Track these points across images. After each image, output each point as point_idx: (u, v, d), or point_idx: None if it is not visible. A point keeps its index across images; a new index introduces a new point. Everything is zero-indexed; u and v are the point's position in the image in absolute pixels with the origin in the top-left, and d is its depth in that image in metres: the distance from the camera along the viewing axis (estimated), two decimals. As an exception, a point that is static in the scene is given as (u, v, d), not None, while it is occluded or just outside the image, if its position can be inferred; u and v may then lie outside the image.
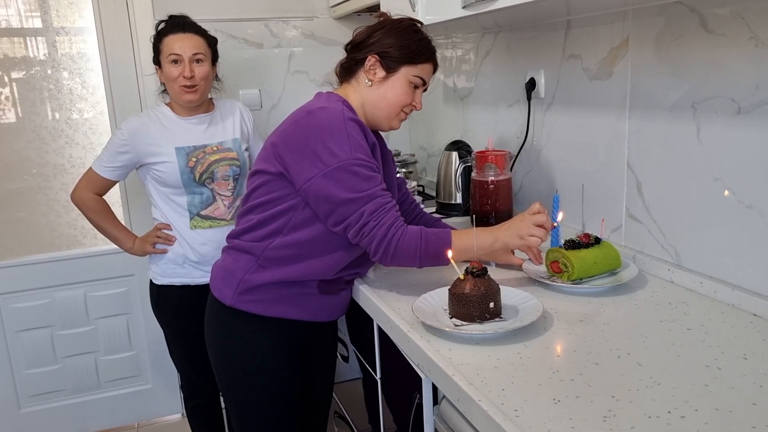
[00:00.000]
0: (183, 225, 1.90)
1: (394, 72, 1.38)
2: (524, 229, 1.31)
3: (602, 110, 1.58)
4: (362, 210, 1.27)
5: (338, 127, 1.28)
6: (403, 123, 1.48)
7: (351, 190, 1.27)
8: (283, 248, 1.37)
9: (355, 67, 1.42)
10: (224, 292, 1.45)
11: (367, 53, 1.38)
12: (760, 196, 1.18)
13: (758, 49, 1.15)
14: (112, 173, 1.90)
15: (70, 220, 2.55)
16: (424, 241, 1.29)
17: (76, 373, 2.61)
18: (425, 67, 1.40)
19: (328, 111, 1.31)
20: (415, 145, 2.82)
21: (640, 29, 1.43)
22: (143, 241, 1.94)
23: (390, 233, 1.27)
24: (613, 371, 1.00)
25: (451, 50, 2.38)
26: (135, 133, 1.85)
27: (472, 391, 0.95)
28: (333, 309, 1.49)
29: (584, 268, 1.34)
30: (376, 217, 1.27)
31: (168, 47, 1.83)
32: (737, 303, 1.23)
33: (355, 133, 1.29)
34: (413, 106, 1.43)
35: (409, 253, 1.29)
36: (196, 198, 1.88)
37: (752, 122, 1.18)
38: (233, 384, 1.48)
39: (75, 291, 2.54)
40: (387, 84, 1.39)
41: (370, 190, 1.28)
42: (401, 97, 1.40)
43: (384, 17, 1.44)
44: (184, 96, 1.84)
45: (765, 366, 0.99)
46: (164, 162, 1.84)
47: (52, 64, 2.43)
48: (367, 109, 1.42)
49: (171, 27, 1.85)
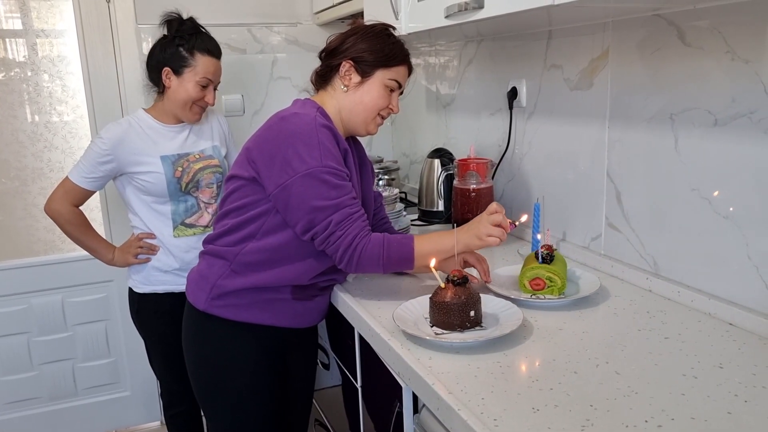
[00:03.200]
0: (166, 233, 1.87)
1: (369, 76, 1.39)
2: (482, 229, 1.31)
3: (583, 120, 1.60)
4: (329, 219, 1.28)
5: (309, 134, 1.28)
6: (386, 130, 1.49)
7: (319, 197, 1.28)
8: (256, 253, 1.38)
9: (330, 74, 1.42)
10: (198, 297, 1.45)
11: (342, 59, 1.39)
12: (736, 207, 1.20)
13: (734, 63, 1.17)
14: (92, 183, 1.83)
15: (48, 225, 2.52)
16: (386, 249, 1.31)
17: (53, 380, 2.57)
18: (400, 69, 1.42)
19: (300, 117, 1.32)
20: (398, 151, 2.83)
21: (620, 41, 1.45)
22: (124, 252, 1.89)
23: (354, 242, 1.29)
24: (592, 380, 1.00)
25: (434, 58, 2.39)
26: (118, 143, 1.79)
27: (452, 400, 0.95)
28: (307, 315, 1.49)
29: (564, 279, 1.35)
30: (342, 227, 1.29)
31: (204, 68, 1.80)
32: (714, 312, 1.25)
33: (327, 140, 1.30)
34: (390, 110, 1.44)
35: (372, 261, 1.31)
36: (180, 206, 1.86)
37: (728, 134, 1.20)
38: (208, 390, 1.48)
39: (52, 297, 2.50)
40: (363, 88, 1.40)
41: (338, 199, 1.29)
42: (377, 101, 1.40)
43: (356, 23, 1.45)
44: (195, 116, 1.85)
45: (740, 375, 1.01)
46: (150, 172, 1.80)
47: (32, 67, 2.40)
48: (343, 115, 1.42)
49: (208, 48, 1.81)
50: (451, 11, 1.44)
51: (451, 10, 1.44)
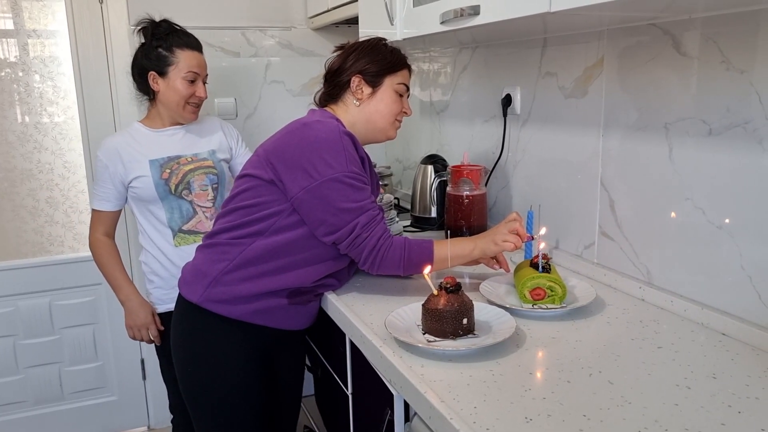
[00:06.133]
0: (166, 244, 1.85)
1: (380, 85, 1.47)
2: (498, 235, 1.40)
3: (577, 128, 1.60)
4: (355, 222, 1.34)
5: (334, 140, 1.35)
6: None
7: (345, 200, 1.33)
8: (262, 250, 1.39)
9: (339, 92, 1.49)
10: (194, 290, 1.44)
11: (350, 75, 1.46)
12: (729, 217, 1.20)
13: (729, 73, 1.17)
14: (107, 203, 1.85)
15: (36, 227, 2.50)
16: (407, 252, 1.38)
17: (39, 384, 2.54)
18: (404, 73, 1.51)
19: (324, 124, 1.38)
20: (391, 157, 2.82)
21: (614, 49, 1.45)
22: (135, 315, 1.87)
23: (379, 244, 1.36)
24: (585, 390, 1.00)
25: (429, 64, 2.38)
26: (114, 153, 1.81)
27: (444, 409, 0.94)
28: (299, 318, 1.49)
29: (565, 288, 1.35)
30: (367, 229, 1.35)
31: (187, 62, 1.79)
32: (706, 322, 1.24)
33: (350, 147, 1.37)
34: (404, 113, 1.52)
35: (394, 262, 1.38)
36: (175, 213, 1.84)
37: (723, 144, 1.20)
38: (196, 387, 1.47)
39: (40, 299, 2.47)
40: (375, 98, 1.47)
41: (363, 202, 1.35)
42: (392, 107, 1.48)
43: (350, 43, 1.51)
44: (191, 114, 1.84)
45: (734, 386, 1.00)
46: (139, 176, 1.80)
47: (23, 67, 2.38)
48: (358, 128, 1.48)
49: (186, 42, 1.81)
50: (447, 17, 1.44)
51: (447, 16, 1.44)
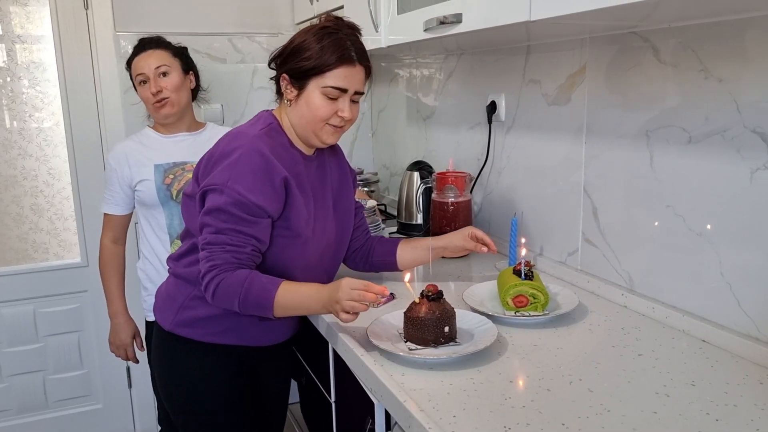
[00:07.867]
0: (164, 251, 1.85)
1: (304, 88, 1.29)
2: (343, 298, 1.17)
3: (560, 135, 1.60)
4: (205, 236, 1.24)
5: (239, 156, 1.24)
6: (366, 141, 1.46)
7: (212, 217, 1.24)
8: None
9: (278, 87, 1.37)
10: (165, 317, 1.42)
11: (280, 73, 1.33)
12: (709, 225, 1.21)
13: (707, 82, 1.18)
14: (115, 207, 1.87)
15: (20, 234, 2.47)
16: (245, 289, 1.21)
17: (23, 393, 2.50)
18: (337, 73, 1.27)
19: (243, 137, 1.28)
20: (379, 163, 2.82)
21: (597, 57, 1.46)
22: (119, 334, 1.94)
23: (212, 273, 1.22)
24: (565, 397, 1.00)
25: (416, 70, 2.39)
26: (119, 157, 1.84)
27: (423, 418, 0.93)
28: (274, 333, 1.45)
29: (548, 296, 1.35)
30: (210, 250, 1.23)
31: (135, 70, 1.83)
32: (687, 329, 1.25)
33: (253, 166, 1.24)
34: (340, 117, 1.31)
35: (230, 295, 1.22)
36: (175, 219, 1.84)
37: (702, 152, 1.21)
38: (181, 410, 1.45)
39: (24, 307, 2.45)
40: (301, 100, 1.30)
41: (225, 225, 1.23)
42: (318, 112, 1.29)
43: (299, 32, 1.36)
44: (160, 111, 1.83)
45: (712, 393, 1.01)
46: (143, 180, 1.82)
47: (9, 73, 2.37)
48: (297, 130, 1.35)
49: (135, 50, 1.85)
50: (430, 25, 1.44)
51: (430, 23, 1.44)
